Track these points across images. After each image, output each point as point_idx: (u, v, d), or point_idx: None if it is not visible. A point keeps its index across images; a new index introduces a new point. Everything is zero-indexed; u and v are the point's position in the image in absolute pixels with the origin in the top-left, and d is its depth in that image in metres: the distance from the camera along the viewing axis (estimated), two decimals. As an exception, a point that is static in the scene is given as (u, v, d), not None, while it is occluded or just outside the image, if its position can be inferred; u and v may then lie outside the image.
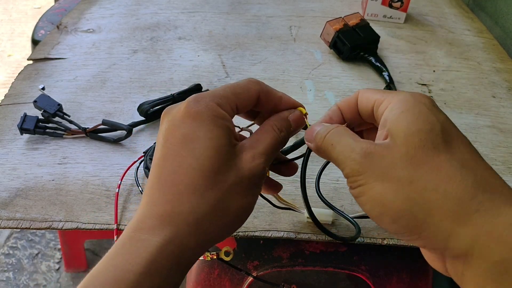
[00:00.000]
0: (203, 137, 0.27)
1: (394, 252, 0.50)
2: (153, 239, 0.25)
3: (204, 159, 0.27)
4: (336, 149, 0.28)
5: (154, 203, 0.27)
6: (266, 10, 0.81)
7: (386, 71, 0.62)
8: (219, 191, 0.27)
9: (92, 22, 0.76)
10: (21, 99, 0.57)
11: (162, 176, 0.27)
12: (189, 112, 0.28)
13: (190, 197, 0.26)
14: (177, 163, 0.27)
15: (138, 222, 0.26)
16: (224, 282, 0.49)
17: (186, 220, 0.26)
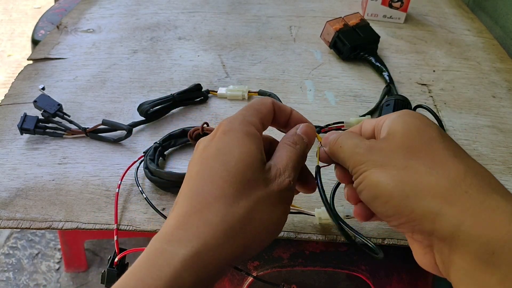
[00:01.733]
0: (236, 151, 0.28)
1: (394, 252, 0.50)
2: (179, 252, 0.24)
3: (236, 171, 0.27)
4: (343, 149, 0.30)
5: (182, 214, 0.26)
6: (266, 10, 0.81)
7: (386, 71, 0.62)
8: (248, 202, 0.27)
9: (92, 22, 0.76)
10: (21, 99, 0.57)
11: (194, 188, 0.27)
12: (223, 130, 0.29)
13: (219, 206, 0.26)
14: (209, 175, 0.27)
15: (165, 233, 0.26)
16: (224, 282, 0.49)
17: (214, 230, 0.25)
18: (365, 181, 0.27)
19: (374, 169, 0.27)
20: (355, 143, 0.29)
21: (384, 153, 0.27)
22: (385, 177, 0.26)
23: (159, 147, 0.47)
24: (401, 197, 0.25)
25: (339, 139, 0.31)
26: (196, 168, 0.28)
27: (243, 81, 0.62)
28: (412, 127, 0.28)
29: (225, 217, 0.26)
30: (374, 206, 0.28)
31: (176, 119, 0.55)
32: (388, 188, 0.26)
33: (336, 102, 0.58)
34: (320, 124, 0.52)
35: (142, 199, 0.44)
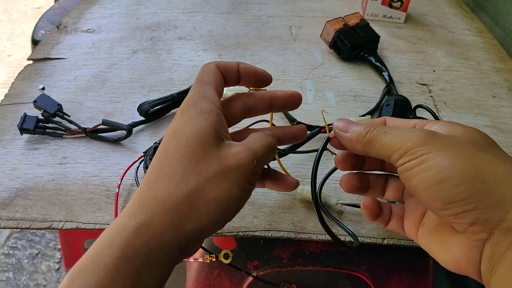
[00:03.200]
0: (188, 130, 0.28)
1: (394, 252, 0.50)
2: (129, 223, 0.25)
3: (186, 149, 0.28)
4: (390, 135, 0.28)
5: (137, 193, 0.28)
6: (266, 10, 0.81)
7: (386, 71, 0.62)
8: (198, 178, 0.27)
9: (92, 22, 0.76)
10: (21, 99, 0.57)
11: (150, 169, 0.28)
12: (180, 112, 0.30)
13: (168, 182, 0.27)
14: (163, 156, 0.28)
15: (122, 213, 0.27)
16: (224, 282, 0.49)
17: (162, 205, 0.26)
18: (430, 163, 0.25)
19: (440, 152, 0.26)
20: (406, 130, 0.28)
21: (451, 140, 0.27)
22: (457, 161, 0.25)
23: (159, 147, 0.47)
24: (478, 181, 0.24)
25: (379, 127, 0.29)
26: (157, 152, 0.29)
27: (243, 81, 0.62)
28: (472, 132, 0.28)
29: (173, 192, 0.26)
30: (436, 190, 0.26)
31: (176, 119, 0.55)
32: (462, 171, 0.25)
33: (336, 102, 0.58)
34: (320, 124, 0.52)
35: (142, 199, 0.44)
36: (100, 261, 0.24)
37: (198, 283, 0.50)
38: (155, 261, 0.25)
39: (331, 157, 0.38)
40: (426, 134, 0.27)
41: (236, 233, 0.41)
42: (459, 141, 0.27)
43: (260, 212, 0.43)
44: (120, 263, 0.24)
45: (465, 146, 0.26)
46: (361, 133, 0.30)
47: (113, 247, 0.25)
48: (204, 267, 0.49)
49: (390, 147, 0.28)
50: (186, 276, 0.54)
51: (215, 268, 0.49)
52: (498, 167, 0.25)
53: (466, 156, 0.26)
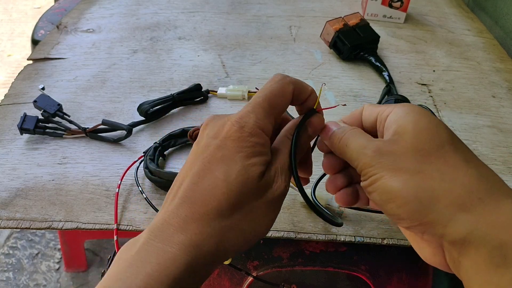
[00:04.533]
0: (239, 163, 0.27)
1: (394, 252, 0.50)
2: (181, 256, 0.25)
3: (235, 185, 0.27)
4: (350, 148, 0.29)
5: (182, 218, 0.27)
6: (266, 10, 0.81)
7: (386, 71, 0.62)
8: (241, 214, 0.27)
9: (92, 22, 0.76)
10: (21, 99, 0.57)
11: (193, 193, 0.27)
12: (230, 133, 0.28)
13: (214, 218, 0.27)
14: (209, 184, 0.27)
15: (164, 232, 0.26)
16: (224, 282, 0.49)
17: (208, 240, 0.26)
18: (377, 185, 0.27)
19: (386, 172, 0.27)
20: (362, 143, 0.29)
21: (395, 156, 0.27)
22: (399, 182, 0.26)
23: (159, 147, 0.47)
24: (415, 202, 0.26)
25: (344, 138, 0.30)
26: (197, 168, 0.28)
27: (243, 81, 0.62)
28: (422, 128, 0.27)
29: (218, 230, 0.27)
30: (386, 208, 0.28)
31: (176, 119, 0.55)
32: (402, 193, 0.26)
33: (336, 102, 0.58)
34: (320, 124, 0.52)
35: (142, 199, 0.44)
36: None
37: (198, 283, 0.50)
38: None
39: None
40: (373, 152, 0.28)
41: (236, 233, 0.41)
42: (404, 152, 0.27)
43: (260, 212, 0.43)
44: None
45: (409, 160, 0.27)
46: (335, 143, 0.31)
47: (164, 281, 0.24)
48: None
49: (352, 161, 0.29)
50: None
51: (215, 268, 0.49)
52: (437, 183, 0.26)
53: (408, 173, 0.26)
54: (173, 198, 0.28)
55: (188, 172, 0.28)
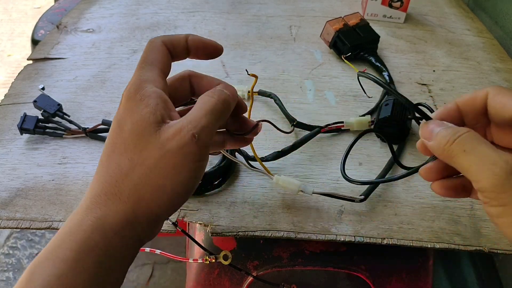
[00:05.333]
0: (129, 121, 0.28)
1: (394, 252, 0.50)
2: (86, 218, 0.26)
3: (129, 142, 0.28)
4: (470, 157, 0.25)
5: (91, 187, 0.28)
6: (266, 10, 0.81)
7: (386, 71, 0.62)
8: (142, 168, 0.27)
9: (92, 22, 0.76)
10: (21, 99, 0.57)
11: (100, 163, 0.29)
12: (123, 101, 0.29)
13: (117, 178, 0.27)
14: (110, 149, 0.29)
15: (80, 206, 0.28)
16: (224, 281, 0.49)
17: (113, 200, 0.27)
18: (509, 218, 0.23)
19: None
20: (489, 155, 0.24)
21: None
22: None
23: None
24: None
25: (460, 141, 0.25)
26: (105, 144, 0.29)
27: (243, 81, 0.62)
28: None
29: (121, 186, 0.27)
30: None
31: (176, 119, 0.55)
32: None
33: (336, 102, 0.58)
34: (320, 124, 0.52)
35: (142, 199, 0.44)
36: (60, 254, 0.25)
37: (198, 283, 0.50)
38: (115, 254, 0.26)
39: (330, 156, 0.37)
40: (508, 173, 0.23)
41: (236, 233, 0.41)
42: None
43: (260, 212, 0.43)
44: (80, 256, 0.25)
45: None
46: (441, 145, 0.26)
47: (72, 240, 0.25)
48: (204, 267, 0.49)
49: (470, 175, 0.25)
50: (186, 276, 0.54)
51: (215, 268, 0.49)
52: None
53: None
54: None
55: None
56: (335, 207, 0.43)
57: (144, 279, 1.15)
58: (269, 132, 0.52)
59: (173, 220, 0.41)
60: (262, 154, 0.47)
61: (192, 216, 0.42)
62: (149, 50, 0.32)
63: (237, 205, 0.43)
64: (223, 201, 0.44)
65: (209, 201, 0.44)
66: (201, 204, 0.43)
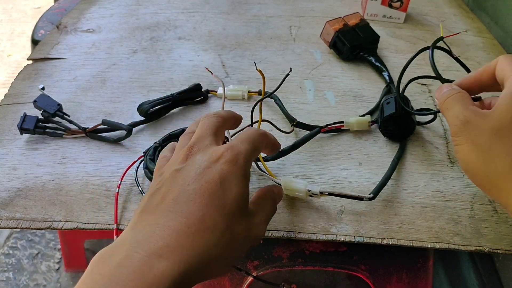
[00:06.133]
0: (235, 189, 0.29)
1: (394, 252, 0.50)
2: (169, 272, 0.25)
3: (230, 208, 0.29)
4: (448, 113, 0.35)
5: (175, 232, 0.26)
6: (266, 10, 0.81)
7: (386, 71, 0.62)
8: (231, 239, 0.28)
9: (92, 22, 0.76)
10: (21, 99, 0.57)
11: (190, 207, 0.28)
12: (229, 160, 0.30)
13: (210, 236, 0.27)
14: (207, 201, 0.28)
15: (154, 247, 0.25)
16: (224, 282, 0.49)
17: (199, 257, 0.26)
18: (459, 154, 0.33)
19: (466, 145, 0.32)
20: (457, 111, 0.34)
21: (477, 131, 0.32)
22: (473, 155, 0.32)
23: (159, 147, 0.47)
24: (483, 175, 0.31)
25: (448, 101, 0.35)
26: (194, 186, 0.29)
27: (243, 81, 0.62)
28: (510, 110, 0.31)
29: (211, 247, 0.27)
30: (467, 175, 0.35)
31: (176, 119, 0.55)
32: (473, 165, 0.32)
33: (336, 102, 0.58)
34: (320, 124, 0.52)
35: (142, 199, 0.44)
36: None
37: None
38: None
39: (329, 156, 0.37)
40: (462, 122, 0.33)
41: (236, 233, 0.41)
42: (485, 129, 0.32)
43: (260, 212, 0.43)
44: None
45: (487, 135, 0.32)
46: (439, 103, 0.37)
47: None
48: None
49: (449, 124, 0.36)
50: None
51: (215, 268, 0.49)
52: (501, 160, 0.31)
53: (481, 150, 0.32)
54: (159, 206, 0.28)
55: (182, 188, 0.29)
56: (335, 207, 0.43)
57: (144, 279, 1.14)
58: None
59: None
60: (263, 154, 0.47)
61: (192, 216, 0.42)
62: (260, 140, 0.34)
63: (237, 205, 0.43)
64: (223, 201, 0.44)
65: (209, 201, 0.44)
66: (201, 204, 0.43)
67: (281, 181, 0.43)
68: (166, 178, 0.30)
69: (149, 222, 0.27)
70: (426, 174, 0.48)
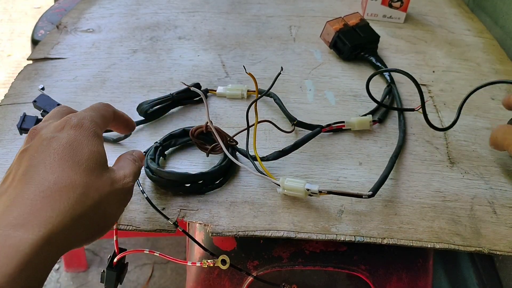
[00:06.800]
0: (86, 149, 0.30)
1: (394, 252, 0.50)
2: (28, 237, 0.24)
3: (86, 166, 0.29)
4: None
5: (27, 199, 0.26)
6: (266, 10, 0.81)
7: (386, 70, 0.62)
8: (97, 195, 0.29)
9: (92, 22, 0.76)
10: (21, 99, 0.57)
11: (39, 174, 0.27)
12: (73, 125, 0.32)
13: (69, 195, 0.27)
14: (58, 164, 0.28)
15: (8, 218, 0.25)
16: (224, 282, 0.49)
17: (62, 217, 0.26)
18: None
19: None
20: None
21: None
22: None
23: (160, 147, 0.47)
24: None
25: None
26: (41, 156, 0.29)
27: (243, 80, 0.62)
28: None
29: (74, 205, 0.27)
30: None
31: (175, 118, 0.55)
32: None
33: (336, 102, 0.58)
34: (321, 124, 0.52)
35: (142, 199, 0.44)
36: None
37: (198, 283, 0.50)
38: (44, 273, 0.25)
39: (330, 156, 0.37)
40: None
41: (236, 233, 0.41)
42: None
43: (260, 212, 0.43)
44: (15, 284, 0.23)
45: None
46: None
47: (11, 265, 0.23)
48: (204, 267, 0.49)
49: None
50: (186, 277, 0.54)
51: (215, 268, 0.49)
52: None
53: None
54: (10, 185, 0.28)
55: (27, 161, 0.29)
56: (335, 207, 0.44)
57: (144, 279, 1.15)
58: (269, 132, 0.52)
59: (174, 220, 0.41)
60: (263, 154, 0.47)
61: (192, 216, 0.42)
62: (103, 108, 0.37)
63: (237, 205, 0.43)
64: (223, 201, 0.44)
65: (209, 201, 0.44)
66: (201, 204, 0.43)
67: (279, 181, 0.43)
68: (13, 162, 0.31)
69: (2, 201, 0.27)
70: (426, 174, 0.48)
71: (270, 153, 0.47)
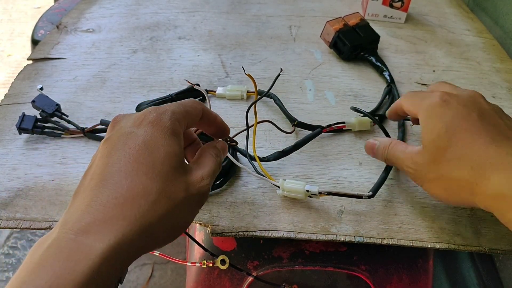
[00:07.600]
0: (162, 149, 0.28)
1: (394, 252, 0.50)
2: (97, 246, 0.23)
3: (160, 170, 0.27)
4: (399, 162, 0.40)
5: (100, 204, 0.25)
6: (266, 9, 0.81)
7: (386, 70, 0.62)
8: (169, 202, 0.27)
9: (92, 22, 0.76)
10: (20, 99, 0.57)
11: (113, 178, 0.27)
12: (151, 121, 0.29)
13: (141, 202, 0.26)
14: (133, 169, 0.27)
15: (79, 224, 0.24)
16: (224, 282, 0.49)
17: (132, 225, 0.25)
18: (430, 193, 0.38)
19: (427, 184, 0.38)
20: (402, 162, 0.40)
21: (424, 171, 0.37)
22: (434, 189, 0.37)
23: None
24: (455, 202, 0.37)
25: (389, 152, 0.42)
26: (117, 154, 0.28)
27: (243, 81, 0.62)
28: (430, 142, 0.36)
29: (145, 214, 0.26)
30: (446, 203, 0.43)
31: (176, 119, 0.55)
32: (440, 196, 0.37)
33: (336, 102, 0.58)
34: (320, 124, 0.52)
35: (142, 199, 0.44)
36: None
37: (198, 283, 0.50)
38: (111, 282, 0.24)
39: (330, 156, 0.37)
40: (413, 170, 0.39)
41: (236, 233, 0.41)
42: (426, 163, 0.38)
43: (260, 212, 0.43)
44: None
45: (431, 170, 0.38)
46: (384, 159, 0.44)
47: (79, 273, 0.22)
48: (204, 267, 0.49)
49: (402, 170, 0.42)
50: (186, 277, 0.54)
51: (215, 268, 0.49)
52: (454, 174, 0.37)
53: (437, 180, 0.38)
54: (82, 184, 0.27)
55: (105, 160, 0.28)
56: (335, 207, 0.43)
57: (144, 279, 1.15)
58: (269, 133, 0.52)
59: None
60: (263, 154, 0.47)
61: (192, 216, 0.42)
62: (190, 104, 0.33)
63: (237, 205, 0.43)
64: (223, 201, 0.44)
65: (209, 201, 0.44)
66: (201, 204, 0.43)
67: (279, 183, 0.43)
68: (95, 155, 0.29)
69: (79, 202, 0.26)
70: (426, 174, 0.48)
71: (270, 154, 0.47)
